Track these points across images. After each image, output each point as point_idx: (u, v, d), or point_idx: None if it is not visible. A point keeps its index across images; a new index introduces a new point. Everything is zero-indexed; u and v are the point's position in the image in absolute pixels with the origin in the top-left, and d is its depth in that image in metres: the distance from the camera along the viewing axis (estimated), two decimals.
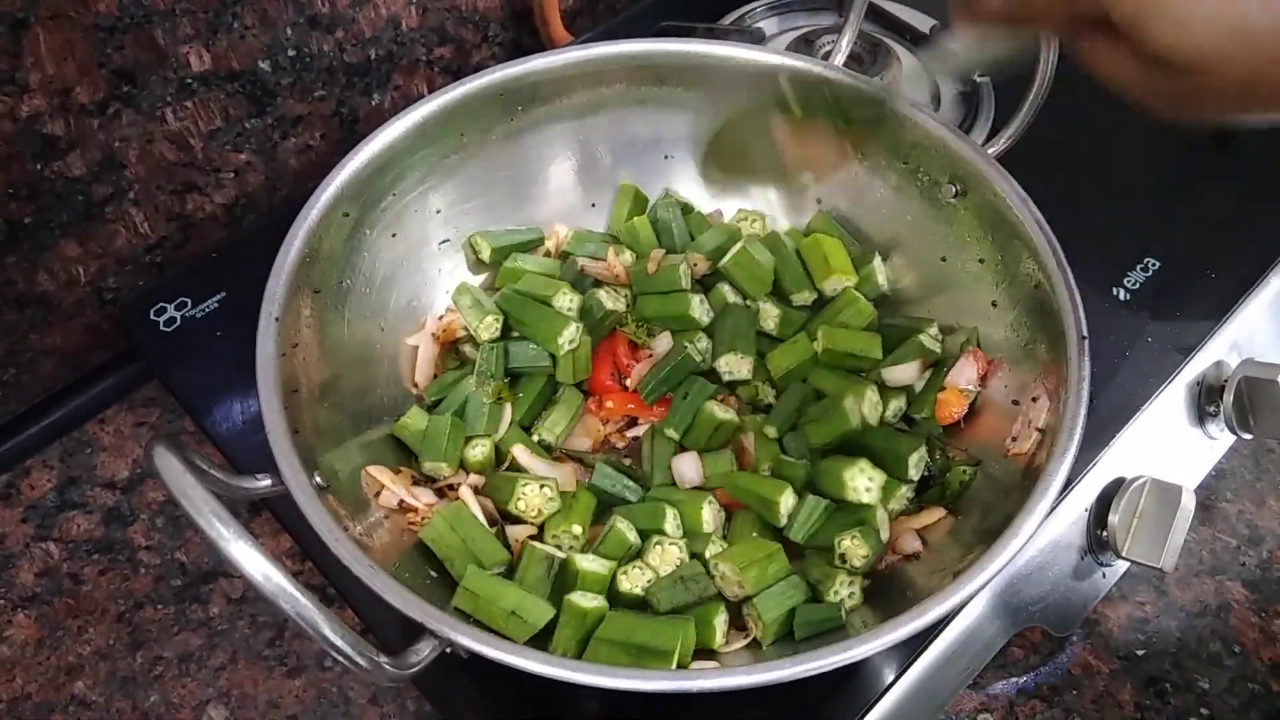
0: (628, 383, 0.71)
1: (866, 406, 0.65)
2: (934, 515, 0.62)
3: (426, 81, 0.95)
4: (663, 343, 0.71)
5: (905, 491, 0.63)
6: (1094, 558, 0.68)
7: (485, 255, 0.75)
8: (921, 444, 0.64)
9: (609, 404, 0.70)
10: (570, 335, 0.69)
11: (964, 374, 0.66)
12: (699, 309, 0.71)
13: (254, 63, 0.81)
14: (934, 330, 0.69)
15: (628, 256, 0.76)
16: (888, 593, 0.59)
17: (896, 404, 0.68)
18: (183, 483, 0.44)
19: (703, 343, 0.70)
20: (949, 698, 0.63)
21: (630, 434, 0.70)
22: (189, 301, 0.78)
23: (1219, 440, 0.74)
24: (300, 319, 0.61)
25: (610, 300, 0.72)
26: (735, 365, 0.70)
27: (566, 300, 0.72)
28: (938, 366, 0.68)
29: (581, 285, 0.74)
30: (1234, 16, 0.37)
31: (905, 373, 0.68)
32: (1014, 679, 0.66)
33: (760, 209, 0.79)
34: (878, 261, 0.73)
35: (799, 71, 0.72)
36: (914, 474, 0.64)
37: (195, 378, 0.75)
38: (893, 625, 0.48)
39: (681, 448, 0.68)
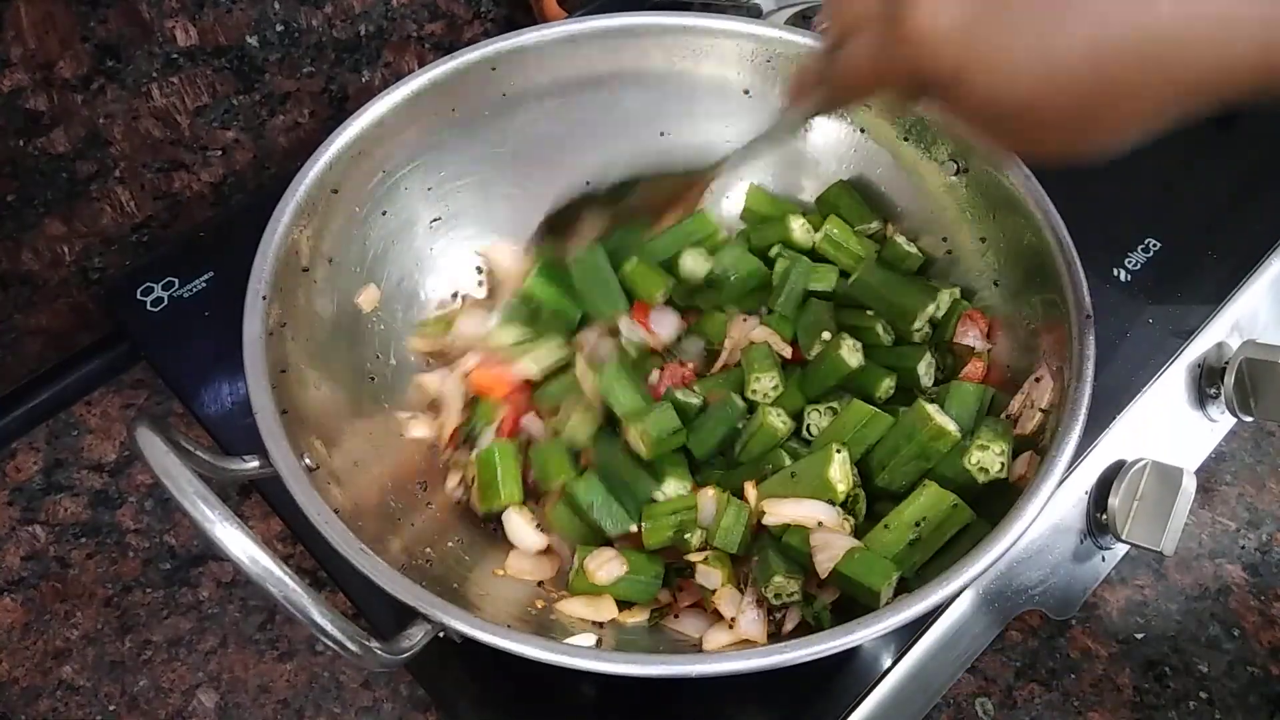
0: None
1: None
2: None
3: (417, 58, 0.93)
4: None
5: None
6: (1093, 541, 0.67)
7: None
8: (926, 351, 0.66)
9: None
10: None
11: (968, 336, 0.66)
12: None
13: (241, 38, 0.79)
14: (901, 238, 0.71)
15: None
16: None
17: (922, 332, 0.68)
18: (166, 463, 0.43)
19: None
20: (947, 682, 0.63)
21: None
22: (176, 281, 0.77)
23: (1219, 423, 0.74)
24: (288, 298, 0.60)
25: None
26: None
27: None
28: (922, 271, 0.71)
29: None
30: (1047, 61, 0.39)
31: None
32: (1013, 662, 0.65)
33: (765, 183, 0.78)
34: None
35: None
36: (926, 381, 0.65)
37: (183, 359, 0.74)
38: (892, 609, 0.47)
39: None
